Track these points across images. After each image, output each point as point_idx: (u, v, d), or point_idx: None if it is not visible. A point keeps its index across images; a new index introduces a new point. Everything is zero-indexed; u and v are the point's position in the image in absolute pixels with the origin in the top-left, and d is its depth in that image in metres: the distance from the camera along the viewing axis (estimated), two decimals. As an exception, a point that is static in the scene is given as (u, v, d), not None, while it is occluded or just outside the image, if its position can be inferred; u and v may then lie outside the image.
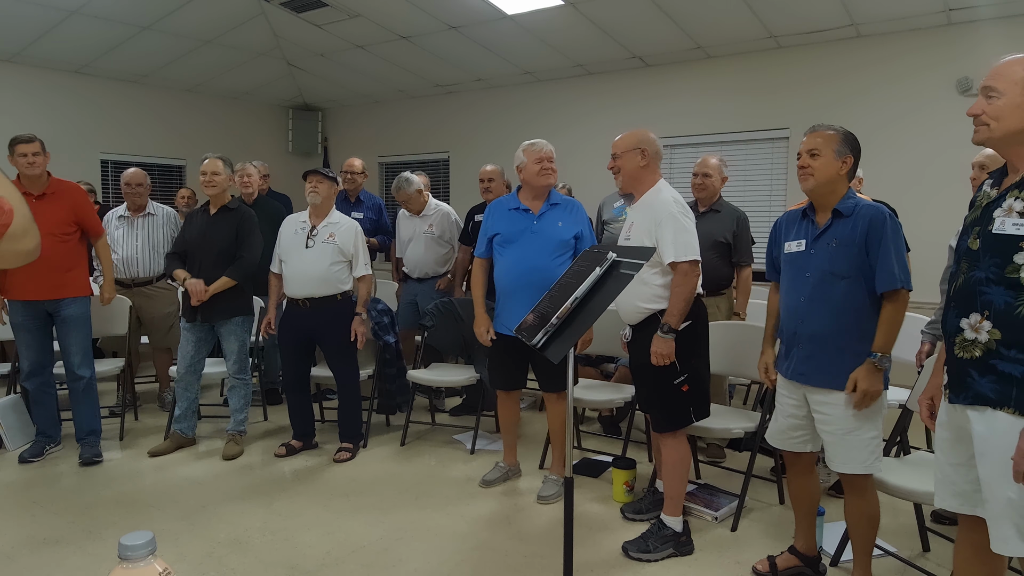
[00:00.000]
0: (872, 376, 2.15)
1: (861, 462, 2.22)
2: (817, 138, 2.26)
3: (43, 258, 4.13)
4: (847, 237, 2.19)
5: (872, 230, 2.16)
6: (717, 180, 3.74)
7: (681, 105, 5.86)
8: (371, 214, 4.99)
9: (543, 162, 3.18)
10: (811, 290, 2.25)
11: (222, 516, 3.04)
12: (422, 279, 4.69)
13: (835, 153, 2.22)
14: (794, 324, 2.31)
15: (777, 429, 2.46)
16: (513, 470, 3.50)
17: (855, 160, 2.25)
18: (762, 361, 2.55)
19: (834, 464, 2.27)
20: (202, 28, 5.69)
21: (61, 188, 3.63)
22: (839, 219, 2.23)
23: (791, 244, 2.36)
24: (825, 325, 2.22)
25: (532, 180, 3.19)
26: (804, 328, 2.27)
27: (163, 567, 1.01)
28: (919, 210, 4.57)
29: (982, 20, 4.60)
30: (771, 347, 2.54)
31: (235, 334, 3.81)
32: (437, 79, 6.86)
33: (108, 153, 6.62)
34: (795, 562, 2.52)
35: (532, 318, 2.22)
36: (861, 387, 2.15)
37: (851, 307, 2.19)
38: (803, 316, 2.27)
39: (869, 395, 2.15)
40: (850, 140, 2.25)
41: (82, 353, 3.69)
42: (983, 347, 1.61)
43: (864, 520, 2.30)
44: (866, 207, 2.21)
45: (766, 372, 2.53)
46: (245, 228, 3.76)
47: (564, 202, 3.25)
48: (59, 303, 3.58)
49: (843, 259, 2.19)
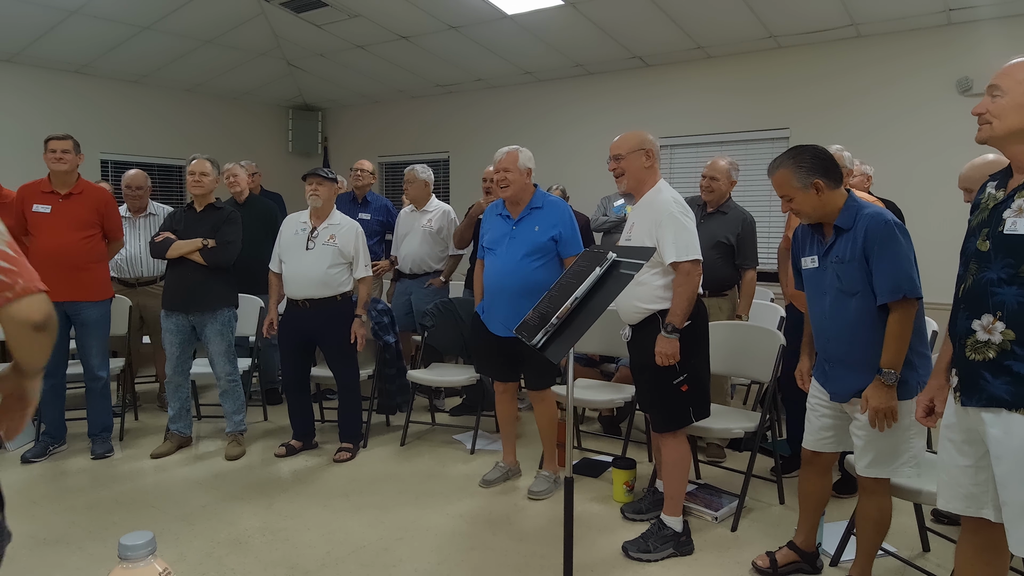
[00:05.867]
0: (881, 393, 2.07)
1: (888, 467, 2.18)
2: (777, 184, 2.23)
3: (63, 256, 4.20)
4: (849, 254, 2.14)
5: (868, 242, 2.10)
6: (725, 184, 3.73)
7: (681, 105, 5.86)
8: (379, 215, 4.96)
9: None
10: (829, 308, 2.23)
11: (222, 516, 3.04)
12: (415, 275, 4.66)
13: (801, 188, 2.18)
14: (822, 341, 2.30)
15: (810, 430, 2.41)
16: (513, 470, 3.50)
17: (823, 175, 2.16)
18: (799, 368, 2.51)
19: (860, 468, 2.23)
20: (202, 28, 5.69)
21: (90, 189, 3.71)
22: (841, 235, 2.19)
23: (807, 260, 2.33)
24: (845, 342, 2.19)
25: None
26: (831, 347, 2.25)
27: (163, 567, 1.01)
28: (919, 210, 4.56)
29: (982, 20, 4.60)
30: (807, 355, 2.49)
31: (220, 334, 3.75)
32: (437, 79, 6.86)
33: (108, 153, 6.62)
34: (794, 557, 2.53)
35: (532, 317, 2.22)
36: (872, 405, 2.09)
37: (865, 323, 2.13)
38: (828, 334, 2.25)
39: (882, 412, 2.08)
40: (805, 163, 2.18)
41: (101, 355, 3.73)
42: (997, 348, 1.60)
43: (873, 523, 2.28)
44: (865, 217, 2.13)
45: (800, 380, 2.50)
46: (227, 226, 3.71)
47: (547, 204, 3.26)
48: (78, 305, 3.59)
49: (849, 276, 2.14)
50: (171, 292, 3.73)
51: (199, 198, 3.77)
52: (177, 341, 3.76)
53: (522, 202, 3.25)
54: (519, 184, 3.20)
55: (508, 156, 3.20)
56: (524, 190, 3.23)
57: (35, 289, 1.26)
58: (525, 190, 3.24)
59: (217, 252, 3.66)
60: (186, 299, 3.68)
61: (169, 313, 3.73)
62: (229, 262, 3.71)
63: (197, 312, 3.70)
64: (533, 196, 3.26)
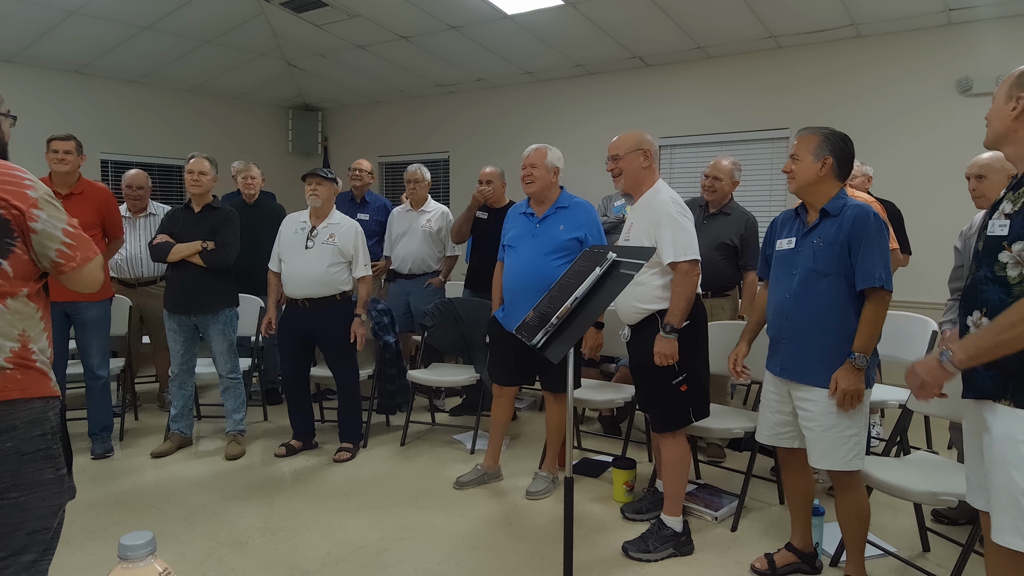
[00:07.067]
0: (852, 376, 2.17)
1: (840, 459, 2.24)
2: (798, 142, 2.32)
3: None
4: (832, 236, 2.22)
5: (855, 229, 2.18)
6: (727, 184, 3.73)
7: (681, 105, 5.86)
8: (378, 215, 4.92)
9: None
10: (796, 287, 2.29)
11: (222, 516, 3.04)
12: (413, 275, 4.63)
13: (812, 155, 2.27)
14: (780, 320, 2.35)
15: (764, 425, 2.50)
16: (491, 474, 3.46)
17: (837, 160, 2.26)
18: (733, 353, 2.58)
19: (814, 460, 2.29)
20: (202, 28, 5.69)
21: (90, 189, 3.71)
22: (826, 218, 2.27)
23: (782, 242, 2.41)
24: (808, 322, 2.26)
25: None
26: (789, 324, 2.31)
27: (163, 567, 1.01)
28: (919, 210, 4.57)
29: (982, 20, 4.60)
30: (747, 342, 2.58)
31: (222, 333, 3.77)
32: (437, 79, 6.86)
33: (108, 153, 6.62)
34: (792, 559, 2.54)
35: (532, 317, 2.22)
36: (841, 387, 2.18)
37: (833, 305, 2.22)
38: (788, 313, 2.31)
39: (850, 395, 2.18)
40: (832, 141, 2.27)
41: (101, 354, 3.72)
42: None
43: (853, 517, 2.32)
44: (852, 207, 2.23)
45: (734, 364, 2.57)
46: (226, 227, 3.71)
47: (573, 205, 3.25)
48: (78, 305, 3.58)
49: (826, 257, 2.22)
50: (172, 294, 3.73)
51: (197, 197, 3.76)
52: (181, 339, 3.77)
53: (547, 200, 3.24)
54: (544, 181, 3.19)
55: (536, 152, 3.21)
56: (549, 188, 3.23)
57: (90, 258, 1.65)
58: (551, 188, 3.23)
59: (216, 254, 3.66)
60: (187, 301, 3.68)
61: (171, 314, 3.74)
62: (228, 264, 3.71)
63: (199, 313, 3.71)
64: (560, 196, 3.25)
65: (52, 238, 1.57)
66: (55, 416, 1.58)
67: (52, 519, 1.59)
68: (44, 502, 1.55)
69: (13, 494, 1.49)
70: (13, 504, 1.49)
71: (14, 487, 1.49)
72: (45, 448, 1.54)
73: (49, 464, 1.56)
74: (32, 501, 1.52)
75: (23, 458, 1.49)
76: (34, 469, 1.52)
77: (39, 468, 1.53)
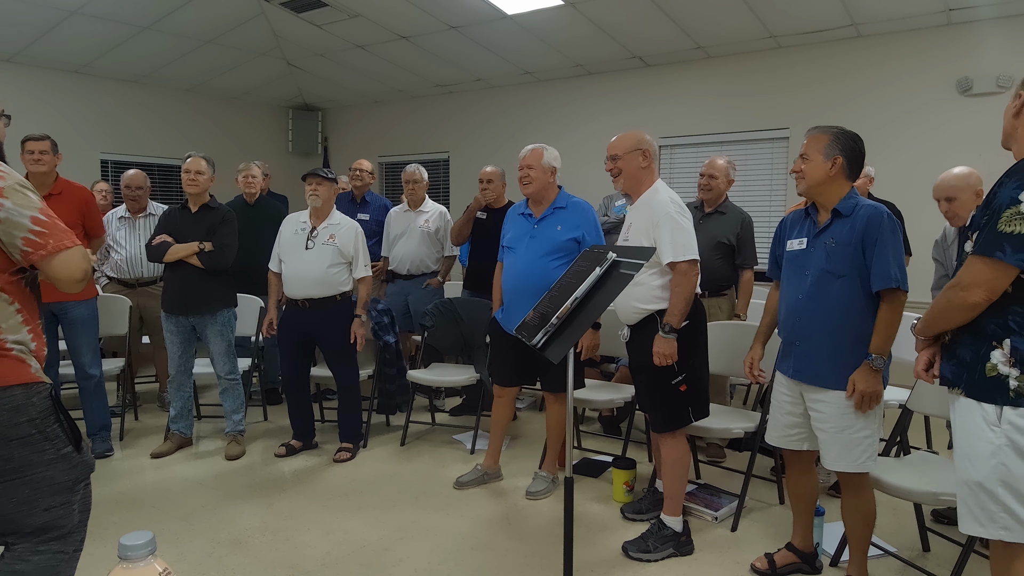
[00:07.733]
0: (870, 377, 2.15)
1: (854, 460, 2.23)
2: (808, 141, 2.30)
3: None
4: (845, 237, 2.20)
5: (869, 229, 2.15)
6: (723, 182, 3.74)
7: (681, 105, 5.86)
8: (378, 215, 4.90)
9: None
10: (809, 288, 2.27)
11: (222, 516, 3.04)
12: (411, 275, 4.62)
13: (823, 155, 2.24)
14: (792, 321, 2.33)
15: (775, 427, 2.48)
16: (491, 474, 3.46)
17: (848, 159, 2.23)
18: (749, 356, 2.56)
19: (828, 462, 2.28)
20: (202, 28, 5.69)
21: (69, 189, 3.64)
22: (838, 219, 2.24)
23: (793, 242, 2.38)
24: (821, 323, 2.24)
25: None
26: (801, 326, 2.29)
27: (163, 567, 1.01)
28: (919, 210, 4.56)
29: (982, 20, 4.60)
30: (761, 344, 2.56)
31: (220, 334, 3.75)
32: (437, 79, 6.86)
33: (108, 153, 6.62)
34: (793, 558, 2.54)
35: (532, 317, 2.22)
36: (859, 388, 2.16)
37: (846, 306, 2.19)
38: (801, 314, 2.29)
39: (868, 396, 2.16)
40: (842, 140, 2.25)
41: (91, 353, 3.71)
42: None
43: (860, 518, 2.32)
44: (866, 207, 2.20)
45: (750, 368, 2.55)
46: (224, 228, 3.70)
47: (571, 205, 3.25)
48: (64, 305, 3.56)
49: (839, 258, 2.20)
50: (170, 295, 3.73)
51: (193, 197, 3.74)
52: (179, 341, 3.76)
53: (545, 201, 3.24)
54: (541, 182, 3.19)
55: (532, 153, 3.20)
56: (547, 189, 3.22)
57: (65, 247, 1.58)
58: (548, 189, 3.23)
59: (214, 256, 3.65)
60: (185, 302, 3.67)
61: (169, 315, 3.74)
62: (226, 265, 3.70)
63: (196, 314, 3.71)
64: (557, 196, 3.25)
65: (17, 226, 1.54)
66: (41, 401, 1.60)
67: (68, 494, 1.64)
68: (53, 479, 1.60)
69: (13, 475, 1.55)
70: (20, 482, 1.56)
71: (11, 469, 1.55)
72: (38, 432, 1.58)
73: (48, 445, 1.60)
74: (37, 479, 1.58)
75: (12, 443, 1.54)
76: (31, 451, 1.57)
77: (37, 450, 1.58)
